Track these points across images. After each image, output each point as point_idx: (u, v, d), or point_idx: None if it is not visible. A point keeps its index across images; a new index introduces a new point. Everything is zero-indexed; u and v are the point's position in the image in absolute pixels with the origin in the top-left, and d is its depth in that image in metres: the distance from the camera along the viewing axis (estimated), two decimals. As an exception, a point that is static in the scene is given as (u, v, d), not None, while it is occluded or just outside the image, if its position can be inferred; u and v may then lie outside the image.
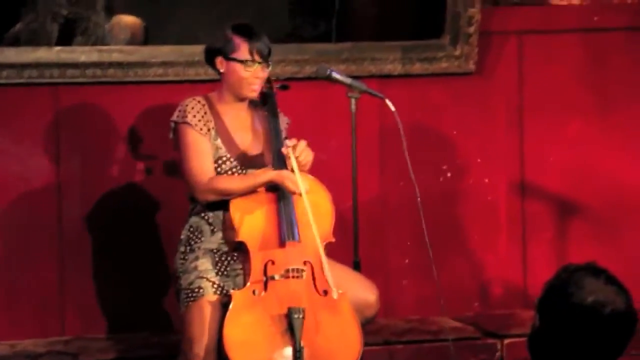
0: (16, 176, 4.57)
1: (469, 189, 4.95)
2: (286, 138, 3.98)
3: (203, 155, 3.85)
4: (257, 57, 3.86)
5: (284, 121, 4.06)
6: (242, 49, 3.86)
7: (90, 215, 4.61)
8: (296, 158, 3.78)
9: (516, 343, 4.55)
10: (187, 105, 3.89)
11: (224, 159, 3.89)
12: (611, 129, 5.02)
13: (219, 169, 3.89)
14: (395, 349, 4.54)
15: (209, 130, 3.88)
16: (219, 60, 3.91)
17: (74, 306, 4.60)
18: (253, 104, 4.02)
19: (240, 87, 3.89)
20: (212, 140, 3.89)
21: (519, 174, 4.99)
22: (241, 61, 3.86)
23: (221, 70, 3.91)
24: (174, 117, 3.91)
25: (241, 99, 3.94)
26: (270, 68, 3.92)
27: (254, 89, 3.89)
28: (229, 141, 3.91)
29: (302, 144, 3.83)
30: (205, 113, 3.89)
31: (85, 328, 4.60)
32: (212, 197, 3.84)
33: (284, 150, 3.82)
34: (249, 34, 3.88)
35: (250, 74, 3.87)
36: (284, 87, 4.03)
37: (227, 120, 3.94)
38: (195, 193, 3.85)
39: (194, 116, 3.87)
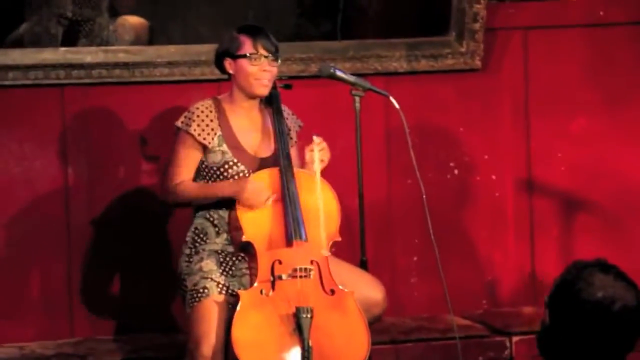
0: (23, 177, 4.57)
1: (476, 186, 4.94)
2: (291, 139, 3.98)
3: (186, 165, 3.88)
4: (262, 51, 3.86)
5: (296, 124, 4.05)
6: (247, 45, 3.87)
7: (98, 216, 4.61)
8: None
9: (525, 340, 4.54)
10: (193, 113, 3.89)
11: (230, 163, 3.89)
12: (618, 125, 5.01)
13: (225, 174, 3.88)
14: (403, 347, 4.54)
15: (213, 138, 3.88)
16: (227, 63, 3.91)
17: (82, 308, 4.60)
18: (263, 104, 4.01)
19: (249, 84, 3.88)
20: (216, 147, 3.88)
21: (526, 170, 4.98)
22: (246, 56, 3.85)
23: (230, 72, 3.91)
24: (179, 122, 3.91)
25: (252, 98, 3.93)
26: (278, 63, 3.91)
27: (263, 84, 3.88)
28: (236, 145, 3.90)
29: (324, 143, 3.86)
30: (212, 120, 3.89)
31: (94, 330, 4.60)
32: (171, 199, 3.88)
33: (311, 145, 3.85)
34: (252, 30, 3.90)
35: (257, 68, 3.86)
36: (287, 87, 4.02)
37: (237, 123, 3.93)
38: (162, 192, 3.90)
39: (199, 125, 3.87)
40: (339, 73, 4.02)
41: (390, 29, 4.84)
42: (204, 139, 3.87)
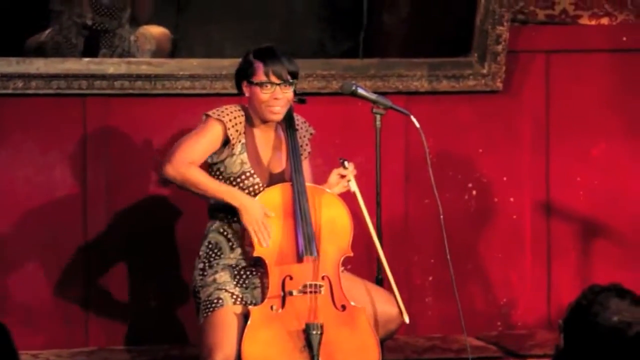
0: (43, 186, 4.59)
1: (494, 208, 4.93)
2: (304, 150, 3.99)
3: (204, 149, 3.81)
4: (273, 79, 3.83)
5: (308, 132, 4.05)
6: (259, 72, 3.84)
7: (116, 227, 4.63)
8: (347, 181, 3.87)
9: (538, 363, 4.53)
10: (227, 109, 3.87)
11: (248, 174, 3.89)
12: (638, 150, 4.99)
13: (241, 184, 3.89)
14: (417, 366, 4.54)
15: (239, 141, 3.88)
16: (244, 85, 3.89)
17: (97, 318, 4.61)
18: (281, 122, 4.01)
19: (262, 110, 3.87)
20: (238, 154, 3.89)
21: (545, 193, 4.97)
22: (258, 84, 3.85)
23: (247, 95, 3.91)
24: (210, 112, 3.86)
25: (266, 122, 3.94)
26: (293, 86, 3.88)
27: (275, 112, 3.86)
28: (255, 157, 3.90)
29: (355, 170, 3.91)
30: (240, 123, 3.88)
31: (108, 340, 4.61)
32: (175, 177, 3.75)
33: (343, 171, 3.87)
34: (265, 56, 3.86)
35: (269, 96, 3.84)
36: (301, 101, 4.00)
37: (257, 136, 3.93)
38: (167, 163, 3.75)
39: (231, 120, 3.86)
40: (360, 91, 4.02)
41: (412, 48, 4.85)
42: (232, 135, 3.84)
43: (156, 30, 4.70)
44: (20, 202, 4.59)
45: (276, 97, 3.84)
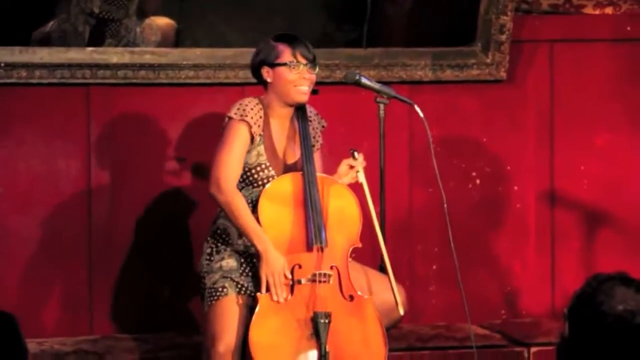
0: (47, 175, 4.60)
1: (498, 197, 4.94)
2: (317, 142, 3.99)
3: (240, 158, 3.84)
4: (301, 59, 3.87)
5: (320, 124, 4.06)
6: (286, 53, 3.87)
7: (120, 216, 4.64)
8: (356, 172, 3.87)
9: (543, 351, 4.53)
10: (247, 105, 3.87)
11: (263, 166, 3.89)
12: (641, 140, 5.00)
13: (255, 176, 3.89)
14: (420, 354, 4.54)
15: (259, 134, 3.89)
16: (265, 71, 3.90)
17: (102, 306, 4.62)
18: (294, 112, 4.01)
19: (288, 91, 3.88)
20: (256, 145, 3.89)
21: (549, 182, 4.97)
22: (286, 64, 3.86)
23: (268, 80, 3.90)
24: (231, 113, 3.87)
25: (290, 106, 3.93)
26: (316, 71, 3.92)
27: (303, 92, 3.88)
28: (271, 149, 3.91)
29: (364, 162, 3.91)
30: (260, 117, 3.89)
31: (113, 328, 4.62)
32: (220, 200, 3.81)
33: (352, 162, 3.88)
34: (290, 39, 3.90)
35: (298, 76, 3.86)
36: (314, 92, 4.03)
37: (273, 127, 3.94)
38: (213, 186, 3.81)
39: (252, 117, 3.87)
40: (364, 80, 4.03)
41: (416, 38, 4.85)
42: (255, 131, 3.86)
43: (162, 22, 4.70)
44: (24, 191, 4.59)
45: (304, 77, 3.85)
